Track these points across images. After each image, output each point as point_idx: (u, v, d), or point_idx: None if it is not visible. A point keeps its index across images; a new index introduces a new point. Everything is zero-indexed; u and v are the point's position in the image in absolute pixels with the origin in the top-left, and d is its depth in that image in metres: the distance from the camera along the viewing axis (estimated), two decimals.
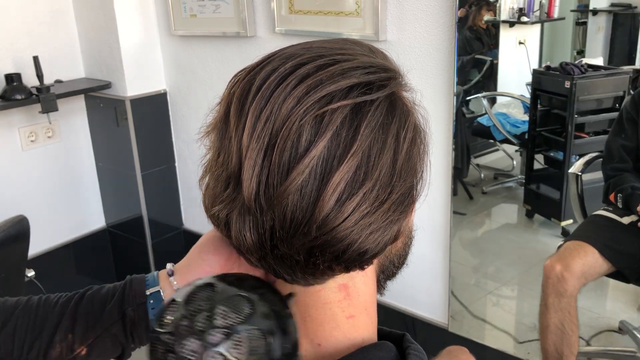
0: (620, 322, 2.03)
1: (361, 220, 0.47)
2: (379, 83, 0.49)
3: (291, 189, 0.46)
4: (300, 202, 0.46)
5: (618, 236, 1.75)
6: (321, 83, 0.47)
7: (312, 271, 0.51)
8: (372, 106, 0.48)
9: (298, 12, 1.89)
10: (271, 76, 0.49)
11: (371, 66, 0.50)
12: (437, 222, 1.85)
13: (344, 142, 0.46)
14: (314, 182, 0.46)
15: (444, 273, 1.89)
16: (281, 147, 0.46)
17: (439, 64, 1.68)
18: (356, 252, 0.49)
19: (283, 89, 0.47)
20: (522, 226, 2.37)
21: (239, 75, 0.53)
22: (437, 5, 1.63)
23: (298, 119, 0.46)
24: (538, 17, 2.12)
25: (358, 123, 0.47)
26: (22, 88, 2.15)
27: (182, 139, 2.51)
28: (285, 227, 0.47)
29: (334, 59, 0.49)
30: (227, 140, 0.50)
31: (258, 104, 0.48)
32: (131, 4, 2.27)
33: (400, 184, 0.49)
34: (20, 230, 1.49)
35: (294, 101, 0.47)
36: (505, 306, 2.25)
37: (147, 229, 2.51)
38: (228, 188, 0.50)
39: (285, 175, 0.46)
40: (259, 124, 0.47)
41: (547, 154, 2.15)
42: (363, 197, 0.47)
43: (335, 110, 0.47)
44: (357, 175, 0.47)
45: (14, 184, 2.34)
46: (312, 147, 0.46)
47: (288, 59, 0.50)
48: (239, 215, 0.49)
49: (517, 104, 2.23)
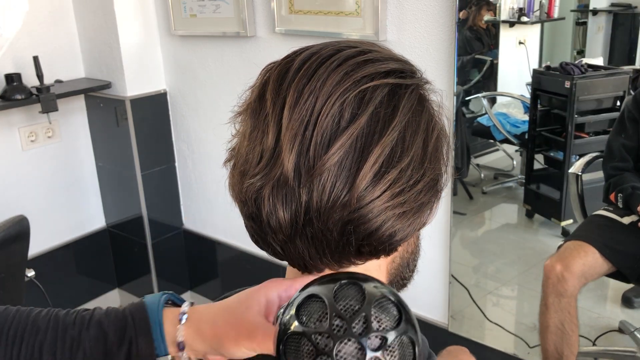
0: (620, 322, 2.03)
1: (396, 198, 0.48)
2: (410, 73, 0.52)
3: (332, 161, 0.47)
4: (340, 174, 0.47)
5: (618, 236, 1.75)
6: (361, 65, 0.50)
7: (341, 251, 0.51)
8: (407, 90, 0.50)
9: (298, 12, 1.89)
10: (312, 57, 0.51)
11: (401, 60, 0.53)
12: (437, 222, 1.85)
13: (383, 119, 0.48)
14: (354, 154, 0.47)
15: (444, 273, 1.89)
16: (324, 120, 0.47)
17: (439, 64, 1.68)
18: (387, 232, 0.49)
19: (326, 68, 0.49)
20: (522, 226, 2.37)
21: (271, 64, 0.54)
22: (437, 5, 1.63)
23: (341, 94, 0.48)
24: (538, 17, 2.12)
25: (396, 104, 0.49)
26: (22, 88, 2.15)
27: (182, 139, 2.51)
28: (323, 200, 0.48)
29: (368, 49, 0.52)
30: (262, 117, 0.51)
31: (300, 80, 0.49)
32: (131, 4, 2.27)
33: (431, 168, 0.50)
34: (20, 230, 1.49)
35: (337, 77, 0.49)
36: (505, 306, 2.25)
37: (147, 229, 2.51)
38: (261, 162, 0.50)
39: (326, 148, 0.47)
40: (301, 98, 0.48)
41: (547, 154, 2.15)
42: (399, 173, 0.48)
43: (376, 88, 0.49)
44: (394, 152, 0.48)
45: (14, 184, 2.33)
46: (354, 121, 0.47)
47: (325, 46, 0.52)
48: (273, 189, 0.49)
49: (517, 104, 2.23)
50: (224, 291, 0.68)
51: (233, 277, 2.55)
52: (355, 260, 0.52)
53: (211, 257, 2.60)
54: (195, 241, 2.62)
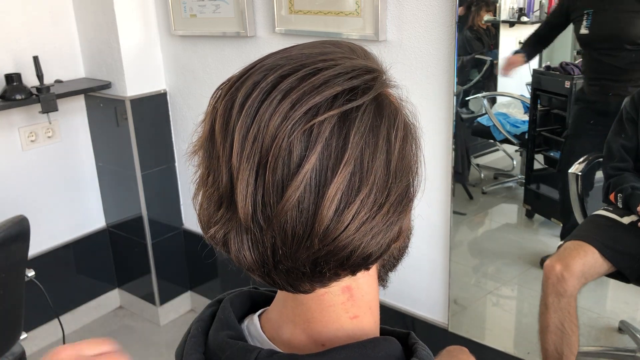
0: (620, 322, 2.03)
1: (362, 227, 0.47)
2: (363, 86, 0.49)
3: (289, 206, 0.46)
4: (299, 217, 0.46)
5: (618, 236, 1.75)
6: (305, 95, 0.47)
7: (318, 279, 0.51)
8: (359, 112, 0.47)
9: (298, 12, 1.89)
10: (254, 91, 0.48)
11: (353, 70, 0.49)
12: (437, 222, 1.85)
13: (335, 152, 0.46)
14: (310, 196, 0.46)
15: (444, 273, 1.89)
16: (273, 165, 0.46)
17: (439, 64, 1.68)
18: (360, 256, 0.49)
19: (268, 105, 0.47)
20: (522, 226, 2.36)
21: (220, 89, 0.52)
22: (437, 5, 1.63)
23: (287, 135, 0.46)
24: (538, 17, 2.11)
25: (347, 131, 0.46)
26: (22, 88, 2.15)
27: (182, 139, 2.51)
28: (287, 243, 0.47)
29: (315, 68, 0.48)
30: (215, 159, 0.49)
31: (244, 123, 0.47)
32: (131, 4, 2.27)
33: (396, 185, 0.49)
34: (20, 230, 1.49)
35: (280, 117, 0.46)
36: (505, 306, 2.25)
37: (147, 229, 2.51)
38: (221, 208, 0.49)
39: (280, 193, 0.46)
40: (247, 143, 0.47)
41: (547, 154, 2.14)
42: (361, 204, 0.47)
43: (323, 122, 0.46)
44: (353, 183, 0.46)
45: (14, 184, 2.34)
46: (305, 162, 0.45)
47: (269, 71, 0.49)
48: (237, 234, 0.49)
49: (517, 104, 2.22)
50: (223, 291, 0.69)
51: (233, 277, 2.55)
52: (337, 278, 0.53)
53: (211, 257, 2.60)
54: (195, 241, 2.62)
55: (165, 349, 2.52)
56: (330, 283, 0.53)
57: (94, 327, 2.68)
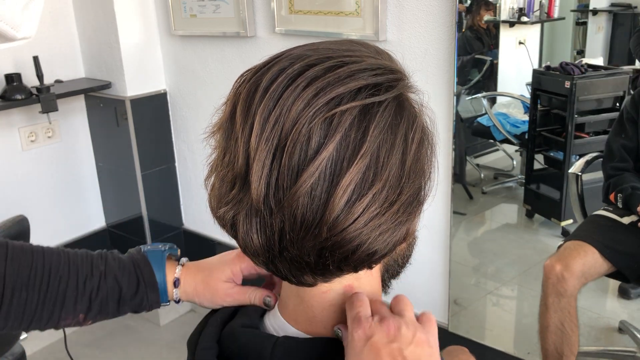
0: (620, 322, 2.03)
1: (371, 222, 0.47)
2: (387, 84, 0.49)
3: (301, 192, 0.46)
4: (310, 204, 0.47)
5: (618, 236, 1.75)
6: (330, 85, 0.47)
7: (321, 272, 0.51)
8: (380, 107, 0.48)
9: (298, 12, 1.89)
10: (279, 77, 0.48)
11: (379, 68, 0.50)
12: (437, 222, 1.85)
13: (353, 143, 0.46)
14: (324, 183, 0.46)
15: (444, 273, 1.89)
16: (291, 149, 0.46)
17: (439, 64, 1.68)
18: (365, 252, 0.49)
19: (292, 90, 0.47)
20: (522, 226, 2.36)
21: (245, 75, 0.52)
22: (437, 5, 1.63)
23: (307, 121, 0.46)
24: (538, 17, 2.11)
25: (367, 124, 0.47)
26: (22, 88, 2.15)
27: (182, 139, 2.51)
28: (295, 229, 0.48)
29: (341, 61, 0.49)
30: (233, 140, 0.50)
31: (266, 105, 0.47)
32: (131, 4, 2.27)
33: (409, 185, 0.49)
34: (20, 230, 1.49)
35: (303, 103, 0.47)
36: (505, 306, 2.25)
37: (147, 229, 2.51)
38: (234, 189, 0.49)
39: (295, 178, 0.46)
40: (267, 125, 0.47)
41: (547, 154, 2.14)
42: (372, 198, 0.47)
43: (344, 112, 0.47)
44: (367, 177, 0.47)
45: (14, 184, 2.34)
46: (322, 149, 0.46)
47: (296, 59, 0.50)
48: (246, 216, 0.49)
49: (517, 104, 2.22)
50: None
51: None
52: (340, 274, 0.53)
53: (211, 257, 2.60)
54: (195, 241, 2.63)
55: (166, 349, 2.52)
56: (333, 278, 0.53)
57: (94, 327, 2.66)
